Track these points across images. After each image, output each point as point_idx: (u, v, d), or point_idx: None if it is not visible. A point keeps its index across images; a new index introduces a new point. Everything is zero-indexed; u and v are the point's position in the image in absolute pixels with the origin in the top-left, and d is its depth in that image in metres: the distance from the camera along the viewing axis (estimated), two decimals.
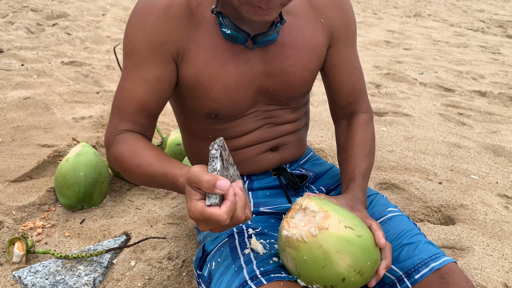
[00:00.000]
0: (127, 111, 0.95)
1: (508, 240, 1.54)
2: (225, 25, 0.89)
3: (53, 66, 3.00)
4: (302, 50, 1.00)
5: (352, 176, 1.02)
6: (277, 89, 1.01)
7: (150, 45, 0.91)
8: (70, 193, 1.50)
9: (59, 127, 2.15)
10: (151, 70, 0.92)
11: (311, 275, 0.77)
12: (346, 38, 1.06)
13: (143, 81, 0.93)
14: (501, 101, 3.21)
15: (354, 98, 1.11)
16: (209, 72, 0.94)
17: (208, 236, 1.06)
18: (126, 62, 0.95)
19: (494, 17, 7.89)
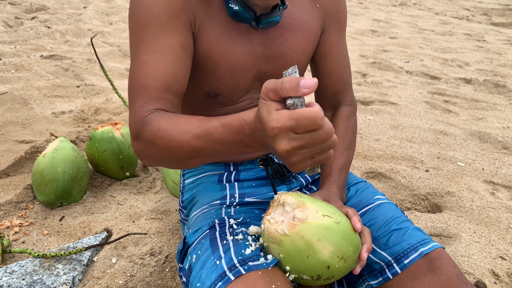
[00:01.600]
0: (154, 87, 0.81)
1: (494, 226, 1.53)
2: (233, 1, 0.86)
3: (32, 60, 2.92)
4: (300, 34, 1.00)
5: (329, 171, 1.02)
6: (274, 74, 1.00)
7: (170, 10, 0.83)
8: (48, 190, 1.45)
9: (38, 123, 2.09)
10: (175, 38, 0.83)
11: (298, 267, 0.77)
12: (338, 25, 1.07)
13: (168, 51, 0.83)
14: (486, 88, 3.21)
15: (339, 88, 1.10)
16: (219, 50, 0.90)
17: (191, 228, 1.03)
18: (142, 35, 0.84)
19: (479, 5, 7.93)
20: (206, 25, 0.88)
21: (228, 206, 1.04)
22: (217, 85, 0.95)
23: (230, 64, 0.92)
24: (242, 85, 0.97)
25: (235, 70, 0.93)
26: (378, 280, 0.91)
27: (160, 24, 0.82)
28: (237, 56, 0.93)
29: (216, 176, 1.10)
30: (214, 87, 0.95)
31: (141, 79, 0.82)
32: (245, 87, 0.99)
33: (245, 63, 0.94)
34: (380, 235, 0.95)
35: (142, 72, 0.82)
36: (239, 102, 1.01)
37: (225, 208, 1.02)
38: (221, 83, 0.94)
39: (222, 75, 0.93)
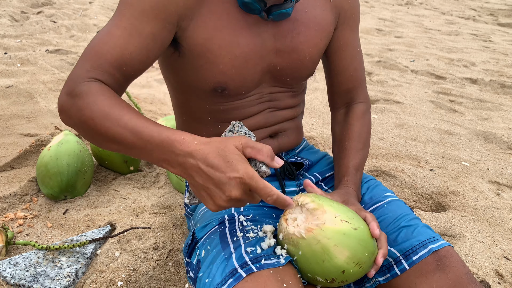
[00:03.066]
0: (107, 58, 0.81)
1: (499, 226, 1.52)
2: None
3: (37, 54, 2.93)
4: (313, 28, 0.99)
5: (345, 170, 1.01)
6: (285, 68, 0.99)
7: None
8: (52, 183, 1.45)
9: (43, 116, 2.10)
10: (149, 25, 0.83)
11: (312, 269, 0.78)
12: (352, 21, 1.06)
13: (136, 33, 0.82)
14: (492, 88, 3.20)
15: (353, 85, 1.09)
16: (220, 40, 0.89)
17: (199, 223, 1.03)
18: (122, 9, 0.84)
19: (485, 5, 7.88)
20: (203, 17, 0.87)
21: None
22: (223, 78, 0.93)
23: (233, 56, 0.91)
24: (250, 78, 0.95)
25: (239, 62, 0.92)
26: (385, 276, 0.90)
27: (142, 7, 0.82)
28: (242, 48, 0.91)
29: None
30: (219, 81, 0.93)
31: (100, 46, 0.82)
32: (254, 81, 0.97)
33: (252, 55, 0.93)
34: (389, 232, 0.95)
35: (104, 40, 0.82)
36: (248, 96, 0.99)
37: None
38: (226, 76, 0.93)
39: (226, 68, 0.91)
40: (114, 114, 0.73)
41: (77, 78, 0.79)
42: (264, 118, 1.04)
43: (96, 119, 0.74)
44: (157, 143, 0.70)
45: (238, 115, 1.01)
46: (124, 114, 0.73)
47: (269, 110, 1.04)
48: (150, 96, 2.57)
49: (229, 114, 1.00)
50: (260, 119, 1.04)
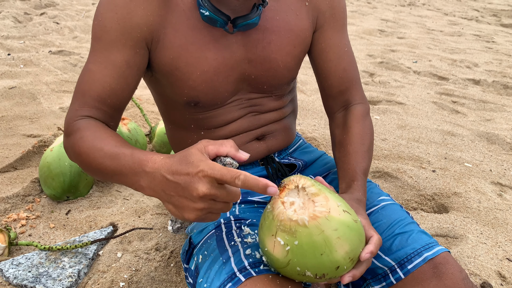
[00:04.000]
0: (91, 95, 0.86)
1: (501, 228, 1.52)
2: (204, 6, 0.83)
3: (41, 55, 2.94)
4: (285, 35, 0.95)
5: (353, 175, 0.95)
6: (260, 76, 0.97)
7: (121, 27, 0.84)
8: (54, 183, 1.46)
9: (46, 117, 2.10)
10: (121, 54, 0.86)
11: (304, 263, 0.68)
12: (333, 22, 1.01)
13: (110, 65, 0.86)
14: (495, 89, 3.19)
15: (346, 86, 1.04)
16: (187, 58, 0.89)
17: (195, 228, 1.03)
18: (94, 44, 0.88)
19: (488, 6, 7.86)
20: (169, 36, 0.87)
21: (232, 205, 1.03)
22: (194, 93, 0.92)
23: (202, 71, 0.90)
24: (222, 90, 0.94)
25: (209, 76, 0.91)
26: (381, 284, 0.90)
27: (109, 38, 0.85)
28: (210, 62, 0.90)
29: None
30: (191, 96, 0.93)
31: (82, 84, 0.87)
32: (228, 91, 0.95)
33: (221, 68, 0.91)
34: (384, 239, 0.94)
35: (84, 78, 0.87)
36: (226, 105, 0.98)
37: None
38: (197, 91, 0.92)
39: (196, 83, 0.91)
40: (97, 146, 0.78)
41: (69, 118, 0.86)
42: (247, 122, 1.03)
43: (83, 153, 0.80)
44: (129, 165, 0.72)
45: (219, 122, 1.00)
46: (105, 144, 0.78)
47: (251, 114, 1.03)
48: (152, 97, 2.58)
49: (210, 121, 1.00)
50: (243, 123, 1.02)
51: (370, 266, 0.93)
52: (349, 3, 6.99)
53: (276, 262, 0.72)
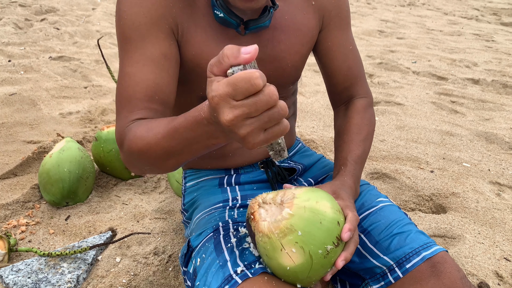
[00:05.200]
0: (137, 97, 0.82)
1: (499, 227, 1.52)
2: (218, 7, 0.85)
3: (41, 61, 2.96)
4: (293, 34, 0.98)
5: (344, 162, 0.99)
6: (269, 76, 0.99)
7: (150, 20, 0.83)
8: (54, 189, 1.47)
9: (46, 123, 2.12)
10: (156, 48, 0.84)
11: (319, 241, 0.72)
12: (339, 21, 1.04)
13: (149, 61, 0.83)
14: (494, 89, 3.19)
15: (350, 83, 1.08)
16: (207, 54, 0.90)
17: (194, 231, 1.04)
18: (125, 46, 0.85)
19: (488, 4, 7.85)
20: (190, 31, 0.88)
21: (231, 208, 1.04)
22: None
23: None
24: None
25: None
26: (380, 284, 0.90)
27: (140, 34, 0.83)
28: None
29: (217, 180, 1.11)
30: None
31: (124, 90, 0.83)
32: None
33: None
34: (382, 239, 0.94)
35: (125, 83, 0.84)
36: None
37: (229, 211, 1.02)
38: None
39: None
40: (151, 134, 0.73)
41: (119, 129, 0.82)
42: None
43: (143, 149, 0.75)
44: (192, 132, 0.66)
45: None
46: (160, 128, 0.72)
47: None
48: None
49: None
50: None
51: (369, 266, 0.94)
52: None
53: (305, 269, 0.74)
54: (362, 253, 0.97)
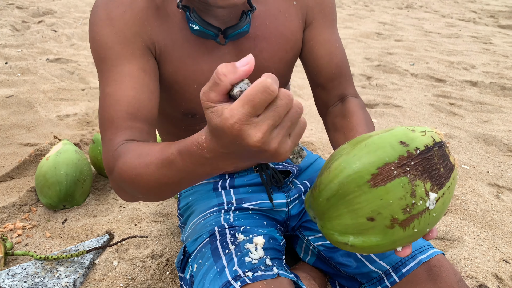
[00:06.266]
0: (120, 116, 0.78)
1: (498, 229, 1.52)
2: (193, 20, 0.81)
3: (38, 63, 2.95)
4: (276, 41, 0.93)
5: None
6: None
7: (123, 39, 0.80)
8: (51, 192, 1.46)
9: (43, 126, 2.11)
10: (133, 64, 0.81)
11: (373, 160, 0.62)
12: (322, 17, 0.98)
13: (127, 78, 0.79)
14: (492, 91, 3.19)
15: (339, 81, 1.01)
16: (184, 71, 0.87)
17: (190, 237, 1.03)
18: (101, 67, 0.82)
19: (486, 7, 7.88)
20: (167, 48, 0.85)
21: (226, 211, 1.03)
22: (191, 105, 0.92)
23: (198, 84, 0.89)
24: None
25: None
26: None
27: (115, 53, 0.80)
28: (206, 74, 0.88)
29: (211, 184, 1.10)
30: (188, 108, 0.92)
31: (105, 111, 0.79)
32: None
33: None
34: None
35: (105, 104, 0.80)
36: None
37: (224, 214, 1.01)
38: (194, 103, 0.91)
39: (192, 96, 0.90)
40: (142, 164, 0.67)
41: (107, 154, 0.77)
42: None
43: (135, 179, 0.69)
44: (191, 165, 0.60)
45: None
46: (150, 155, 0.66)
47: None
48: None
49: None
50: None
51: (365, 270, 0.94)
52: (346, 6, 7.01)
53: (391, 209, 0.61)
54: (358, 257, 0.96)
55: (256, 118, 0.48)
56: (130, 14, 0.81)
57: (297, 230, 1.13)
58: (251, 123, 0.48)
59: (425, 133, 0.64)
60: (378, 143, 0.62)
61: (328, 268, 1.07)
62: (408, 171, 0.59)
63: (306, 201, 0.71)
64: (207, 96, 0.50)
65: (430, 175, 0.60)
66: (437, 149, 0.63)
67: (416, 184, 0.59)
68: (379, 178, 0.59)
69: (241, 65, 0.49)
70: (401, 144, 0.61)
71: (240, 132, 0.49)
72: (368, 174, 0.60)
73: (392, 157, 0.60)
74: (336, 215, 0.63)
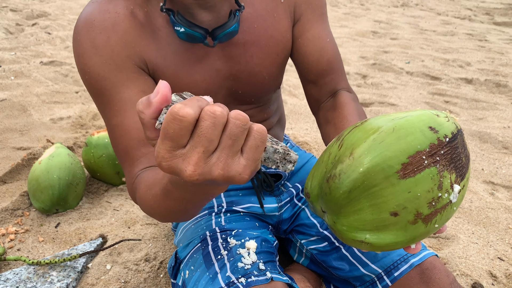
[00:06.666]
0: (132, 147, 0.77)
1: (493, 227, 1.51)
2: (178, 23, 0.78)
3: (32, 66, 2.94)
4: (266, 44, 0.90)
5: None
6: (247, 91, 0.94)
7: (115, 66, 0.77)
8: (43, 196, 1.45)
9: (36, 129, 2.10)
10: (132, 88, 0.78)
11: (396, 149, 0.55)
12: (310, 12, 0.95)
13: (129, 104, 0.77)
14: (487, 88, 3.19)
15: (331, 78, 0.97)
16: (180, 84, 0.86)
17: (181, 242, 1.02)
18: (100, 99, 0.79)
19: (481, 4, 7.88)
20: (159, 66, 0.83)
21: (217, 214, 1.02)
22: None
23: (192, 93, 0.87)
24: None
25: None
26: None
27: (110, 83, 0.77)
28: (200, 84, 0.87)
29: None
30: None
31: (118, 143, 0.79)
32: None
33: (210, 88, 0.88)
34: None
35: (116, 136, 0.79)
36: None
37: (215, 217, 1.00)
38: None
39: None
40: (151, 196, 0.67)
41: (129, 185, 0.79)
42: None
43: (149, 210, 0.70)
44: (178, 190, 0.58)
45: None
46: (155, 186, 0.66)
47: None
48: None
49: None
50: None
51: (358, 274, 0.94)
52: (342, 5, 7.01)
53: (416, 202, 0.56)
54: (351, 261, 0.96)
55: (182, 150, 0.44)
56: (115, 39, 0.78)
57: (289, 233, 1.12)
58: (177, 157, 0.44)
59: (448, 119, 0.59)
60: (407, 127, 0.55)
61: (321, 271, 1.06)
62: (438, 161, 0.54)
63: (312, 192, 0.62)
64: (145, 136, 0.48)
65: (455, 166, 0.56)
66: (460, 136, 0.58)
67: (444, 176, 0.54)
68: (410, 168, 0.53)
69: (153, 96, 0.44)
70: (431, 130, 0.55)
71: (172, 170, 0.45)
72: (399, 163, 0.53)
73: (423, 144, 0.54)
74: (355, 209, 0.55)
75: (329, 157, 0.59)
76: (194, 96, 0.45)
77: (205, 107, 0.43)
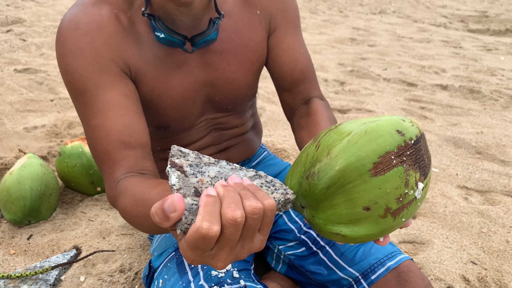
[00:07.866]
0: (114, 148, 0.77)
1: (466, 231, 1.54)
2: (158, 29, 0.81)
3: (5, 74, 2.87)
4: (242, 53, 0.94)
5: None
6: (223, 97, 0.97)
7: (98, 68, 0.78)
8: (15, 208, 1.41)
9: (9, 138, 2.05)
10: (114, 90, 0.79)
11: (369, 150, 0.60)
12: (285, 24, 0.98)
13: (111, 106, 0.77)
14: (461, 94, 3.27)
15: (304, 86, 1.02)
16: (159, 89, 0.88)
17: (155, 251, 1.01)
18: (80, 99, 0.79)
19: (456, 12, 8.09)
20: (141, 70, 0.85)
21: None
22: (164, 120, 0.93)
23: (171, 99, 0.89)
24: (190, 113, 0.94)
25: (178, 103, 0.91)
26: None
27: (93, 84, 0.78)
28: (177, 89, 0.89)
29: None
30: (161, 122, 0.93)
31: (98, 144, 0.78)
32: (195, 114, 0.96)
33: (188, 93, 0.91)
34: (347, 250, 0.94)
35: (96, 137, 0.78)
36: (194, 127, 0.99)
37: None
38: (167, 117, 0.92)
39: (166, 111, 0.91)
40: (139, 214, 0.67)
41: (108, 188, 0.78)
42: (211, 138, 1.05)
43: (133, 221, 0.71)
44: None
45: (185, 142, 1.01)
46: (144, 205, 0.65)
47: (215, 131, 1.05)
48: None
49: (176, 142, 1.01)
50: (208, 140, 1.04)
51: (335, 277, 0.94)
52: (321, 12, 7.10)
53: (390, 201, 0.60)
54: (328, 265, 0.96)
55: (211, 252, 0.48)
56: (99, 42, 0.79)
57: (267, 240, 1.12)
58: (207, 257, 0.48)
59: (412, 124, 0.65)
60: (378, 130, 0.60)
61: (299, 277, 1.06)
62: (405, 160, 0.59)
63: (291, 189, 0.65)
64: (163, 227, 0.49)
65: (419, 166, 0.61)
66: (422, 139, 0.64)
67: (410, 174, 0.59)
68: (380, 167, 0.58)
69: (170, 211, 0.46)
70: (398, 133, 0.61)
71: (203, 263, 0.50)
72: (371, 162, 0.58)
73: (392, 146, 0.59)
74: (332, 204, 0.60)
75: (307, 157, 0.64)
76: (205, 190, 0.50)
77: (226, 213, 0.46)
